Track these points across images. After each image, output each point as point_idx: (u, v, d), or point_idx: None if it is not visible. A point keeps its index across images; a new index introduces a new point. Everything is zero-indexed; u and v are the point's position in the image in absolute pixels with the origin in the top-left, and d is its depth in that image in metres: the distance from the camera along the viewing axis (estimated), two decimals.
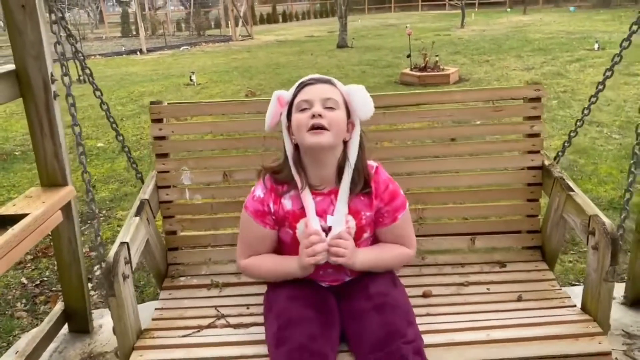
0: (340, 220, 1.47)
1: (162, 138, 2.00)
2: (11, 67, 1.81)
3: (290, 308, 1.45)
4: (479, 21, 20.38)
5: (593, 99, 2.09)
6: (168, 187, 2.02)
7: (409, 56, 8.73)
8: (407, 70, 8.54)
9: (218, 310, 1.77)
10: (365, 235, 1.54)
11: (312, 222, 1.46)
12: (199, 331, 1.66)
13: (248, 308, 1.78)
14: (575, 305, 1.70)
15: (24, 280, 2.93)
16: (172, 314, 1.80)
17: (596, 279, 1.56)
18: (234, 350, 1.54)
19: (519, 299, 1.77)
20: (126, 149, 2.14)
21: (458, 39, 14.51)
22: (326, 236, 1.46)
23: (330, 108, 1.42)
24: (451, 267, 1.99)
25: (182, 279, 2.01)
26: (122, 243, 1.53)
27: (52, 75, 1.84)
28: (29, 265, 3.10)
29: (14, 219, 1.63)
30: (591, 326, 1.56)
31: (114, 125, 2.08)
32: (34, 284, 2.89)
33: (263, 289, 1.70)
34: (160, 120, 1.99)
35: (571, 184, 1.80)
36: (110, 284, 1.46)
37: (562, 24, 17.04)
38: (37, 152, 1.92)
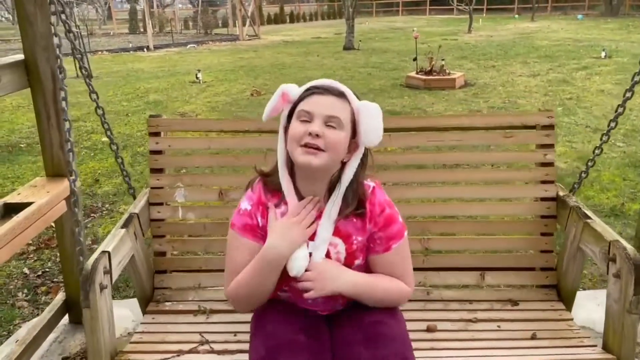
0: (320, 246, 1.33)
1: (159, 152, 1.94)
2: (20, 57, 1.83)
3: (279, 332, 1.31)
4: (487, 27, 20.38)
5: (612, 124, 1.94)
6: (161, 204, 1.92)
7: (415, 59, 8.75)
8: (413, 74, 8.55)
9: (202, 336, 1.67)
10: (357, 262, 1.38)
11: None
12: (178, 356, 1.55)
13: (235, 335, 1.67)
14: (595, 345, 1.58)
15: (26, 270, 2.95)
16: (152, 337, 1.68)
17: (619, 311, 1.45)
18: None
19: (533, 337, 1.64)
20: (120, 160, 2.07)
21: (465, 44, 14.51)
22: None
23: (332, 127, 1.26)
24: (458, 304, 1.85)
25: (167, 304, 1.88)
26: (103, 252, 1.44)
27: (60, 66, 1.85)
28: (31, 256, 3.12)
29: (18, 207, 1.64)
30: None
31: (108, 133, 2.03)
32: (35, 275, 2.91)
33: None
34: (157, 134, 1.93)
35: (588, 212, 1.69)
36: (85, 294, 1.36)
37: (569, 32, 17.02)
38: (43, 143, 1.93)
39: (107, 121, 2.01)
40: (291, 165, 1.34)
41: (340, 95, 1.30)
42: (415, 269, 1.45)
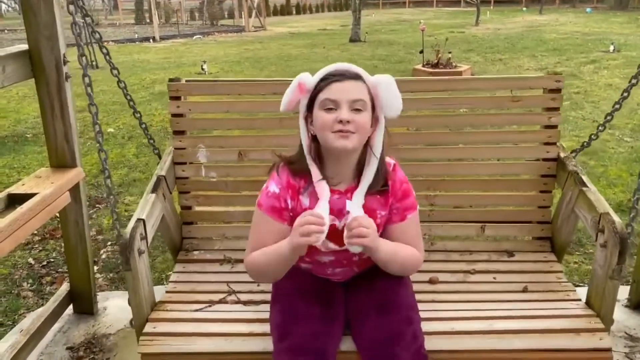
0: (359, 204, 1.38)
1: (180, 115, 2.02)
2: (24, 47, 1.82)
3: (296, 302, 1.46)
4: (494, 19, 20.21)
5: (617, 106, 2.01)
6: (184, 163, 2.05)
7: (421, 52, 8.69)
8: (420, 67, 8.51)
9: (229, 286, 1.81)
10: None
11: (321, 206, 1.35)
12: (210, 306, 1.71)
13: (258, 285, 1.80)
14: (579, 299, 1.70)
15: (31, 260, 2.96)
16: (185, 287, 1.85)
17: (602, 276, 1.56)
18: (243, 328, 1.58)
19: (525, 290, 1.77)
20: (143, 126, 2.13)
21: (472, 37, 14.40)
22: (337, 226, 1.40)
23: (358, 110, 1.32)
24: (459, 254, 1.99)
25: (195, 252, 2.05)
26: (138, 219, 1.57)
27: (64, 56, 1.85)
28: (36, 246, 3.13)
29: (22, 198, 1.64)
30: (593, 321, 1.57)
31: (131, 103, 2.06)
32: (40, 265, 2.92)
33: None
34: (178, 98, 2.02)
35: (585, 179, 1.77)
36: (126, 259, 1.50)
37: (577, 25, 16.85)
38: (47, 133, 1.93)
39: (128, 93, 2.06)
40: (316, 151, 1.42)
41: (357, 77, 1.36)
42: (421, 221, 1.55)
